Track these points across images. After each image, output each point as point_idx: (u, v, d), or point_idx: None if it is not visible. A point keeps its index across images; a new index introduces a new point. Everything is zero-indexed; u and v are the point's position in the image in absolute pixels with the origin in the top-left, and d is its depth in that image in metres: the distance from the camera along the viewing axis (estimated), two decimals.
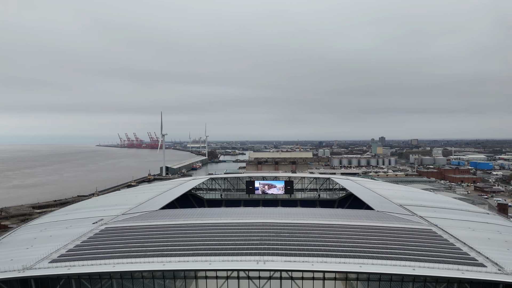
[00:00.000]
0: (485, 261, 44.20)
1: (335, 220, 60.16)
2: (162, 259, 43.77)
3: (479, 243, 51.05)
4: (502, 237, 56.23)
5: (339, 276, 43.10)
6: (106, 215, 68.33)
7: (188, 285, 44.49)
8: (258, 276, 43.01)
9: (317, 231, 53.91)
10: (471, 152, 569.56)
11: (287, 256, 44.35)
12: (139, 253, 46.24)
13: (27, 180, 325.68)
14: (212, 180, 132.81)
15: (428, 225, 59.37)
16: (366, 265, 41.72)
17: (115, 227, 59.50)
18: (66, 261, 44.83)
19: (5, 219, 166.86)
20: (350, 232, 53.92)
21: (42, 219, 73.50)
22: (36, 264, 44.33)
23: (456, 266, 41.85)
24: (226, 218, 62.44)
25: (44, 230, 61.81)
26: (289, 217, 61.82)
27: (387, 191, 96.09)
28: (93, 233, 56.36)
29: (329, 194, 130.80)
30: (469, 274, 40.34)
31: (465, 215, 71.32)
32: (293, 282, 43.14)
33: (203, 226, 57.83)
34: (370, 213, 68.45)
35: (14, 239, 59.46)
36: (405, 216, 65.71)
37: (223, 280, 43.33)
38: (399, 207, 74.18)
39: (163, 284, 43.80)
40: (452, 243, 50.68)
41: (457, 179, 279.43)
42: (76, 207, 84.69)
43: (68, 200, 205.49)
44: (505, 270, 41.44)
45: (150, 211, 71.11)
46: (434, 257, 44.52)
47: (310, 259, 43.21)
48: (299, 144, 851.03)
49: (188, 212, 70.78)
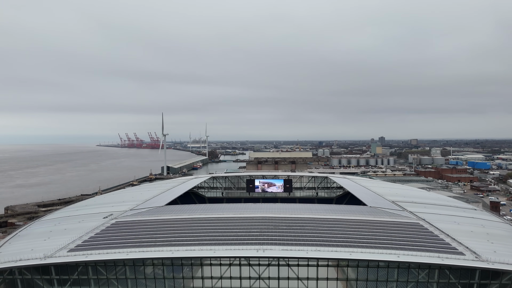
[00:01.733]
0: (465, 250, 48.54)
1: (329, 215, 64.54)
2: (171, 248, 48.24)
3: (462, 235, 55.34)
4: (484, 230, 60.52)
5: (332, 263, 47.43)
6: (115, 210, 72.59)
7: (194, 272, 48.86)
8: (258, 263, 47.38)
9: (312, 224, 58.27)
10: (470, 152, 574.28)
11: (284, 245, 48.75)
12: (149, 243, 50.56)
13: (30, 180, 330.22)
14: (213, 179, 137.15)
15: (416, 219, 63.69)
16: (355, 253, 46.14)
17: (125, 221, 63.85)
18: (83, 250, 49.25)
19: (11, 217, 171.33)
20: (342, 225, 58.28)
21: (54, 215, 77.80)
22: (56, 253, 48.72)
23: (437, 254, 46.26)
24: (228, 212, 66.80)
25: (58, 224, 66.13)
26: (286, 212, 66.16)
27: (381, 189, 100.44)
28: (105, 227, 60.68)
29: (327, 193, 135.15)
30: (448, 261, 44.76)
31: (452, 210, 75.64)
32: (289, 269, 47.51)
33: (206, 220, 62.20)
34: (363, 208, 72.82)
35: (31, 232, 63.80)
36: (395, 211, 70.06)
37: (226, 267, 47.71)
38: (391, 203, 78.48)
39: (172, 270, 48.19)
40: (436, 235, 54.99)
41: (454, 178, 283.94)
42: (85, 204, 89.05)
43: (72, 199, 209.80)
44: (481, 258, 45.82)
45: (156, 206, 75.47)
46: (418, 246, 48.87)
47: (305, 248, 47.60)
48: (299, 144, 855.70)
49: (193, 207, 75.19)
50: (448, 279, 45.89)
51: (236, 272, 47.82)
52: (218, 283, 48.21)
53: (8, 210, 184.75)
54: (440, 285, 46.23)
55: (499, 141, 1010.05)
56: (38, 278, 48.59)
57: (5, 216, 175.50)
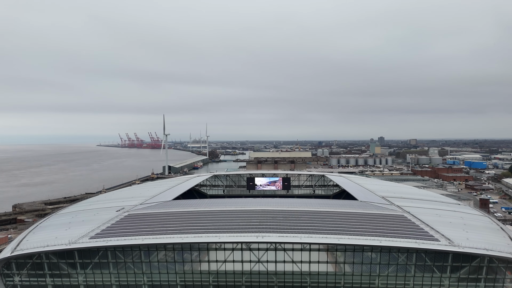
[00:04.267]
0: (441, 237, 54.89)
1: (322, 208, 70.91)
2: (180, 235, 54.69)
3: (441, 225, 61.64)
4: (462, 221, 66.86)
5: (322, 248, 53.84)
6: (126, 205, 78.84)
7: (201, 256, 55.26)
8: (257, 248, 53.85)
9: (306, 216, 64.68)
10: (468, 152, 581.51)
11: (280, 233, 55.20)
12: (160, 232, 56.95)
13: (34, 179, 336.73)
14: (215, 177, 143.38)
15: (401, 212, 70.01)
16: (343, 239, 52.66)
17: (136, 213, 70.22)
18: (102, 237, 55.69)
19: (20, 214, 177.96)
20: (333, 216, 64.65)
21: (69, 209, 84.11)
22: (79, 240, 55.13)
23: (415, 240, 52.72)
24: (230, 206, 73.21)
25: (75, 216, 72.46)
26: (283, 206, 72.54)
27: (374, 186, 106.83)
28: (119, 218, 67.01)
29: (324, 191, 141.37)
30: (424, 245, 51.26)
31: (437, 205, 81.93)
32: (285, 253, 53.94)
33: (211, 212, 68.58)
34: (353, 202, 79.24)
35: (51, 223, 70.16)
36: (384, 205, 76.41)
37: (229, 252, 54.17)
38: (381, 198, 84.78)
39: (181, 255, 54.62)
40: (417, 225, 61.32)
41: (450, 177, 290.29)
42: (97, 200, 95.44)
43: (77, 197, 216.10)
44: (454, 243, 52.24)
45: (164, 201, 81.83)
46: (399, 234, 55.25)
47: (299, 235, 54.04)
48: (299, 144, 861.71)
49: (198, 201, 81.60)
50: (424, 262, 52.39)
51: (238, 256, 54.28)
52: (223, 266, 54.68)
53: (16, 208, 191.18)
54: (417, 267, 52.72)
55: (498, 141, 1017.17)
56: (63, 262, 55.13)
57: (14, 213, 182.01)
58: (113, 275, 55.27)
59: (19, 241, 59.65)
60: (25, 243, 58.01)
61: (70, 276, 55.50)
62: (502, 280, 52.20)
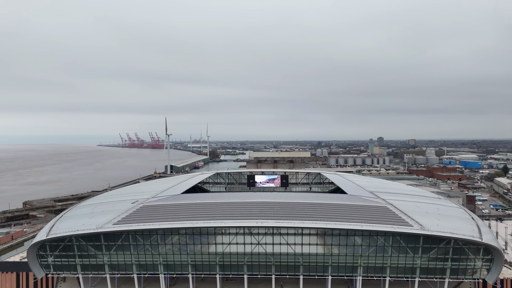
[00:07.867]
0: (414, 223, 63.95)
1: (314, 200, 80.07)
2: (191, 221, 63.93)
3: (417, 214, 70.68)
4: (438, 211, 75.90)
5: (312, 232, 63.04)
6: (139, 198, 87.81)
7: (209, 239, 64.47)
8: (257, 232, 63.11)
9: (300, 207, 73.83)
10: (465, 152, 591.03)
11: (277, 220, 64.42)
12: (174, 219, 66.13)
13: (40, 178, 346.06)
14: (217, 175, 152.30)
15: (385, 204, 79.04)
16: (331, 224, 61.90)
17: (150, 205, 79.32)
18: (124, 223, 64.83)
19: (31, 210, 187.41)
20: (324, 207, 73.81)
21: (87, 202, 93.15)
22: (104, 225, 64.29)
23: (391, 225, 61.91)
24: (233, 199, 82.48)
25: (96, 208, 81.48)
26: (280, 198, 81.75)
27: (364, 182, 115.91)
28: (135, 209, 76.08)
29: (320, 187, 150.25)
30: (398, 229, 60.52)
31: (419, 199, 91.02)
32: (281, 237, 63.14)
33: (216, 203, 77.71)
34: (343, 196, 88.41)
35: (74, 214, 79.21)
36: (370, 198, 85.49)
37: (233, 236, 63.40)
38: (369, 193, 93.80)
39: (192, 238, 63.82)
40: (396, 214, 70.38)
41: (444, 176, 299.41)
42: (111, 194, 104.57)
43: (84, 194, 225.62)
44: (424, 228, 61.34)
45: (173, 195, 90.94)
46: (380, 221, 64.41)
47: (293, 221, 63.30)
48: (298, 144, 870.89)
49: (204, 195, 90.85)
50: (399, 243, 61.57)
51: (241, 240, 63.55)
52: (227, 248, 63.89)
53: (26, 205, 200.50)
54: (394, 249, 61.89)
55: (496, 141, 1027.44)
56: (91, 244, 64.36)
57: (25, 209, 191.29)
58: (133, 256, 64.54)
59: (50, 227, 68.74)
60: (55, 229, 67.19)
61: (96, 256, 64.74)
62: (466, 260, 61.38)
